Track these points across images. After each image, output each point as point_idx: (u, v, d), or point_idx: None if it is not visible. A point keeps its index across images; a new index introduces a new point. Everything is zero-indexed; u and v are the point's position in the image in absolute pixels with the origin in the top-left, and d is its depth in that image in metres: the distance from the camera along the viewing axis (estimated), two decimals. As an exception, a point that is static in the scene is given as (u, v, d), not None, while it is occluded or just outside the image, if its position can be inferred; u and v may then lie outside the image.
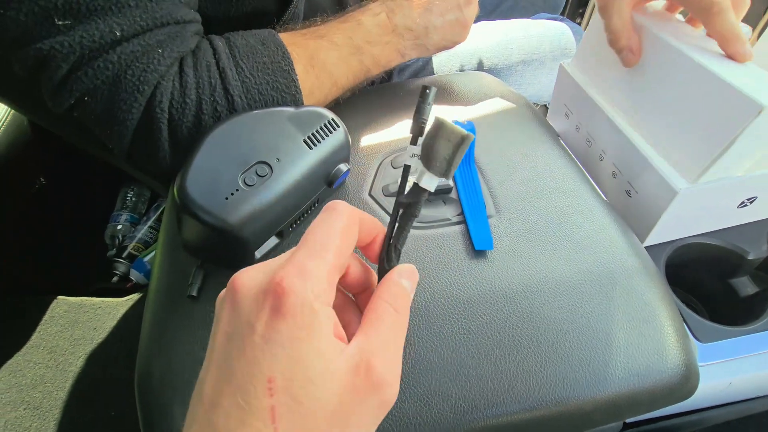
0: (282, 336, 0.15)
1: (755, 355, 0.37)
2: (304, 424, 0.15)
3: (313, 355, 0.16)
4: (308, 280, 0.16)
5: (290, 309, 0.15)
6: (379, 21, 0.41)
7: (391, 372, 0.17)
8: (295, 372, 0.15)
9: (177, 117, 0.34)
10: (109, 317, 0.76)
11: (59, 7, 0.30)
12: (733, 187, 0.37)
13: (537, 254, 0.31)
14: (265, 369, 0.15)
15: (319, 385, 0.15)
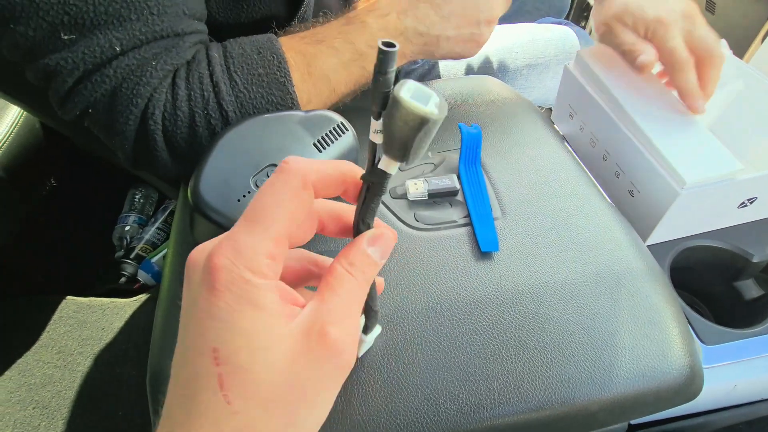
0: (221, 310, 0.16)
1: (760, 358, 0.37)
2: (255, 390, 0.16)
3: (257, 326, 0.16)
4: (240, 258, 0.16)
5: (223, 285, 0.16)
6: (386, 23, 0.39)
7: (345, 336, 0.17)
8: (238, 342, 0.16)
9: (171, 128, 0.35)
10: (117, 317, 0.76)
11: (65, 22, 0.31)
12: (734, 187, 0.38)
13: (543, 256, 0.32)
14: (209, 341, 0.16)
15: (267, 352, 0.16)
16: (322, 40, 0.39)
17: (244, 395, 0.16)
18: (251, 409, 0.16)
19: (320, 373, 0.17)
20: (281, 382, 0.16)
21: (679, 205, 0.38)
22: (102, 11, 0.31)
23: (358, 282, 0.18)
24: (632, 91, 0.43)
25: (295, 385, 0.16)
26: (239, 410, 0.15)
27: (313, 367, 0.16)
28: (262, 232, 0.17)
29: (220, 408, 0.15)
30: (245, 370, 0.16)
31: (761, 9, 0.65)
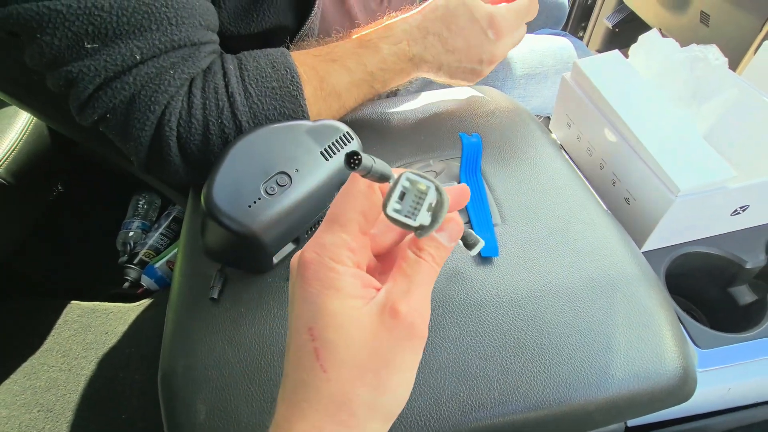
0: (311, 295, 0.19)
1: (753, 362, 0.38)
2: (342, 360, 0.19)
3: (340, 306, 0.19)
4: (324, 252, 0.19)
5: (310, 275, 0.19)
6: (397, 50, 0.41)
7: (413, 311, 0.19)
8: (327, 321, 0.19)
9: (185, 135, 0.36)
10: (120, 322, 0.77)
11: (89, 32, 0.32)
12: (726, 195, 0.39)
13: (541, 261, 0.33)
14: (304, 321, 0.19)
15: (348, 328, 0.19)
16: (336, 59, 0.41)
17: (334, 364, 0.18)
18: (342, 375, 0.19)
19: (395, 342, 0.19)
20: (363, 353, 0.19)
21: (673, 212, 0.39)
22: (125, 21, 0.32)
23: (428, 264, 0.20)
24: (628, 101, 0.44)
25: (375, 353, 0.19)
26: (332, 377, 0.18)
27: (388, 338, 0.19)
28: (339, 229, 0.20)
29: (319, 376, 0.18)
30: (333, 343, 0.19)
31: (754, 21, 0.67)
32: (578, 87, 0.50)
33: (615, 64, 0.49)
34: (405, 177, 0.19)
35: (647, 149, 0.40)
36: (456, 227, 0.22)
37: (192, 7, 0.36)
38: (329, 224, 0.20)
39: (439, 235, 0.21)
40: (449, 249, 0.21)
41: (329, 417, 0.18)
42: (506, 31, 0.41)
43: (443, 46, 0.41)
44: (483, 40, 0.41)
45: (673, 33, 0.88)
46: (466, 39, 0.41)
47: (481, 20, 0.40)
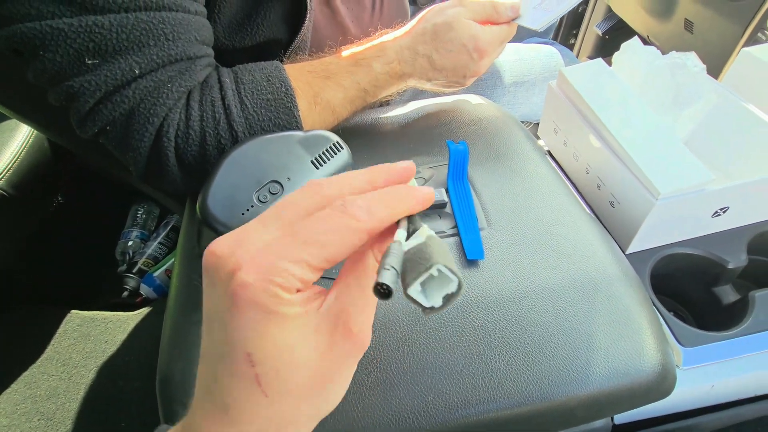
0: (249, 321, 0.17)
1: (736, 359, 0.39)
2: (288, 383, 0.18)
3: (283, 333, 0.17)
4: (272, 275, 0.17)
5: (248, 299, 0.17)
6: (390, 69, 0.44)
7: (367, 330, 0.19)
8: (269, 347, 0.17)
9: (182, 146, 0.38)
10: (119, 331, 0.78)
11: (90, 48, 0.33)
12: (706, 197, 0.40)
13: (525, 263, 0.34)
14: (240, 347, 0.17)
15: (296, 350, 0.18)
16: (330, 76, 0.43)
17: (278, 390, 0.18)
18: (285, 397, 0.18)
19: (345, 359, 0.19)
20: (311, 374, 0.18)
21: (655, 215, 0.41)
22: (124, 38, 0.34)
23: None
24: (610, 108, 0.46)
25: (324, 374, 0.18)
26: (276, 400, 0.18)
27: (338, 357, 0.18)
28: (305, 254, 0.17)
29: (259, 399, 0.18)
30: (279, 368, 0.17)
31: (736, 28, 0.69)
32: (563, 94, 0.51)
33: (598, 71, 0.50)
34: (436, 268, 0.17)
35: (629, 154, 0.41)
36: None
37: (188, 23, 0.37)
38: (295, 244, 0.18)
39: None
40: None
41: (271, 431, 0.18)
42: (488, 51, 0.44)
43: (431, 66, 0.44)
44: (468, 60, 0.43)
45: (659, 40, 0.90)
46: (453, 60, 0.44)
47: (467, 44, 0.43)
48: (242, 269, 0.17)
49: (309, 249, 0.17)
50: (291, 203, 0.19)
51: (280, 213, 0.19)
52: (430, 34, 0.43)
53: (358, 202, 0.18)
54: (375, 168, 0.21)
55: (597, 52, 1.23)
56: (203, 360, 0.19)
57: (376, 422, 0.27)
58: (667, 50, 0.49)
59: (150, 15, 0.35)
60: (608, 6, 1.11)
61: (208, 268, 0.18)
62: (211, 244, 0.19)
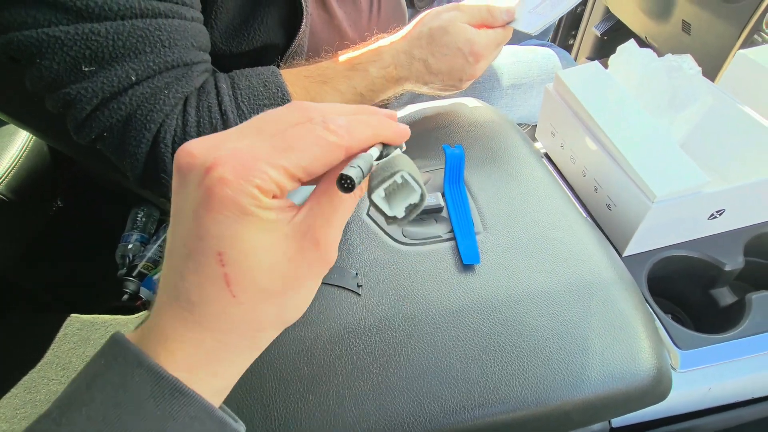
0: (225, 219, 0.17)
1: (732, 362, 0.39)
2: (256, 285, 0.18)
3: (256, 235, 0.18)
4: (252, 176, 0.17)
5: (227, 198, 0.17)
6: (385, 74, 0.44)
7: (333, 242, 0.19)
8: (241, 247, 0.17)
9: None
10: (119, 334, 0.78)
11: (87, 56, 0.34)
12: (702, 200, 0.40)
13: (521, 267, 0.34)
14: (212, 245, 0.17)
15: (266, 253, 0.18)
16: (327, 81, 0.43)
17: (246, 290, 0.18)
18: (252, 298, 0.18)
19: (310, 269, 0.19)
20: (278, 277, 0.18)
21: (651, 218, 0.41)
22: (120, 45, 0.34)
23: (355, 195, 0.20)
24: (607, 110, 0.46)
25: (290, 279, 0.19)
26: (243, 301, 0.18)
27: (305, 264, 0.19)
28: (283, 160, 0.18)
29: (226, 299, 0.18)
30: (248, 269, 0.18)
31: (733, 30, 0.69)
32: (560, 97, 0.51)
33: (595, 74, 0.50)
34: (401, 175, 0.19)
35: (625, 157, 0.41)
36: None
37: (184, 30, 0.37)
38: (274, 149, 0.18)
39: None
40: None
41: (236, 333, 0.18)
42: (484, 55, 0.44)
43: (427, 70, 0.44)
44: (464, 64, 0.44)
45: (657, 41, 0.90)
46: (449, 64, 0.44)
47: (463, 47, 0.43)
48: (221, 166, 0.17)
49: (288, 155, 0.18)
50: (271, 115, 0.19)
51: (260, 124, 0.19)
52: (426, 38, 0.43)
53: (339, 121, 0.19)
54: (363, 106, 0.22)
55: (595, 53, 1.23)
56: (168, 261, 0.19)
57: (372, 427, 0.27)
58: (665, 51, 0.49)
59: (146, 22, 0.35)
60: (606, 7, 1.11)
61: (181, 167, 0.18)
62: (185, 144, 0.18)
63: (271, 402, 0.28)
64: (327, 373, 0.29)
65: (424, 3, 0.74)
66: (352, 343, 0.30)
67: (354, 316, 0.32)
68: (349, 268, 0.34)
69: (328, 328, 0.31)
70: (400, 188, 0.19)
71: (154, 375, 0.17)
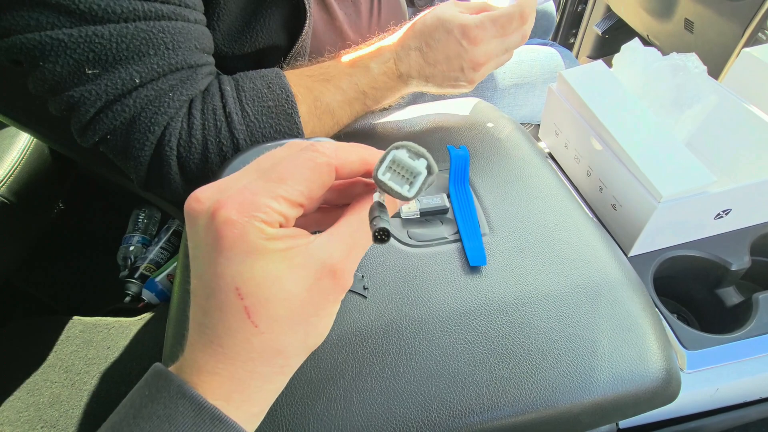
0: (236, 256, 0.18)
1: (739, 362, 0.39)
2: (276, 314, 0.19)
3: (269, 267, 0.18)
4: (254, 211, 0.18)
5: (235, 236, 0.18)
6: (386, 69, 0.43)
7: (350, 273, 0.20)
8: (257, 282, 0.18)
9: (185, 154, 0.38)
10: (122, 336, 0.78)
11: (90, 59, 0.33)
12: (708, 200, 0.40)
13: (528, 269, 0.34)
14: (229, 281, 0.18)
15: (282, 285, 0.19)
16: (329, 79, 0.43)
17: (268, 319, 0.19)
18: (275, 328, 0.19)
19: (327, 297, 0.20)
20: (297, 306, 0.19)
21: (657, 218, 0.40)
22: (124, 48, 0.34)
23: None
24: (611, 110, 0.46)
25: (309, 306, 0.19)
26: (265, 330, 0.19)
27: (323, 293, 0.19)
28: (283, 193, 0.19)
29: (249, 330, 0.19)
30: (267, 300, 0.18)
31: (736, 28, 0.68)
32: (563, 97, 0.51)
33: (599, 73, 0.50)
34: (398, 149, 0.19)
35: (631, 157, 0.41)
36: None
37: (187, 32, 0.37)
38: (270, 182, 0.19)
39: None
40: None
41: (263, 362, 0.19)
42: (481, 38, 0.42)
43: (425, 60, 0.43)
44: (459, 49, 0.42)
45: (659, 39, 0.90)
46: (444, 51, 0.43)
47: (454, 31, 0.42)
48: (224, 208, 0.18)
49: (284, 184, 0.19)
50: (267, 155, 0.21)
51: (257, 164, 0.21)
52: (420, 26, 0.43)
53: (325, 144, 0.20)
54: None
55: (597, 51, 1.23)
56: (194, 300, 0.20)
57: (380, 431, 0.27)
58: (667, 50, 0.49)
59: (150, 24, 0.35)
60: (608, 5, 1.11)
61: (190, 213, 0.20)
62: (194, 192, 0.20)
63: (279, 406, 0.28)
64: (334, 377, 0.29)
65: (424, 1, 0.73)
66: (359, 346, 0.30)
67: (361, 319, 0.32)
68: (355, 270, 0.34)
69: (335, 331, 0.31)
70: (404, 168, 0.19)
71: (196, 405, 0.18)
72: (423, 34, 0.43)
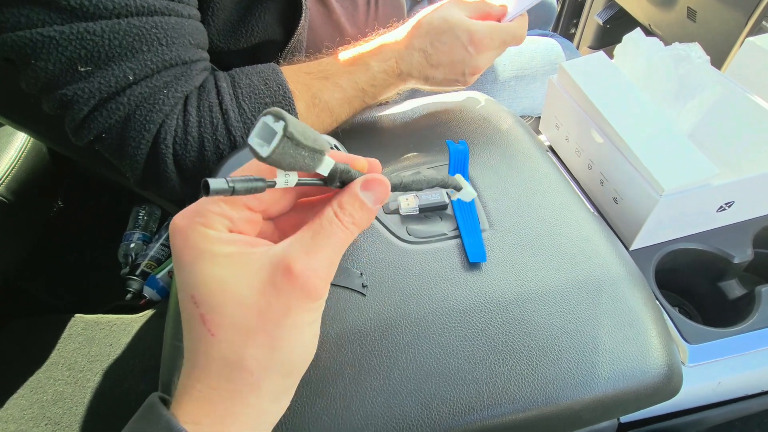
0: (188, 263, 0.19)
1: (742, 356, 0.39)
2: (230, 321, 0.18)
3: (218, 271, 0.18)
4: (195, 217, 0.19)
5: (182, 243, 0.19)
6: (386, 67, 0.43)
7: (310, 272, 0.19)
8: (208, 286, 0.19)
9: (181, 152, 0.38)
10: (124, 333, 0.78)
11: (82, 56, 0.33)
12: (711, 193, 0.39)
13: (528, 265, 0.34)
14: (187, 289, 0.19)
15: (234, 290, 0.18)
16: (328, 76, 0.42)
17: (222, 327, 0.18)
18: (231, 336, 0.18)
19: (287, 301, 0.19)
20: (251, 313, 0.18)
21: (659, 211, 0.40)
22: (116, 44, 0.33)
23: (342, 225, 0.20)
24: (612, 102, 0.45)
25: (265, 313, 0.18)
26: (222, 339, 0.18)
27: (280, 296, 0.19)
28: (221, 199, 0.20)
29: (207, 339, 0.19)
30: (219, 306, 0.18)
31: (739, 17, 0.67)
32: (564, 89, 0.50)
33: (600, 65, 0.49)
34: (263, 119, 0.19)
35: (632, 150, 0.41)
36: (383, 189, 0.21)
37: (181, 27, 0.37)
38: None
39: (364, 194, 0.20)
40: (373, 212, 0.21)
41: (223, 376, 0.19)
42: (486, 47, 0.42)
43: (428, 61, 0.43)
44: (464, 55, 0.42)
45: (661, 29, 0.89)
46: (448, 55, 0.42)
47: (462, 37, 0.41)
48: (176, 219, 0.19)
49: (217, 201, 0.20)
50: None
51: None
52: (426, 27, 0.42)
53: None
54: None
55: (598, 41, 1.21)
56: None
57: (380, 430, 0.27)
58: (669, 40, 0.48)
59: (142, 20, 0.34)
60: (609, -5, 1.09)
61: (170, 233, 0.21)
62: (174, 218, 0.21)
63: (278, 406, 0.28)
64: (333, 376, 0.29)
65: (424, -5, 0.72)
66: (359, 344, 0.30)
67: (360, 317, 0.31)
68: (353, 268, 0.34)
69: (334, 329, 0.31)
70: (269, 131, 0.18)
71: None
72: (429, 36, 0.42)
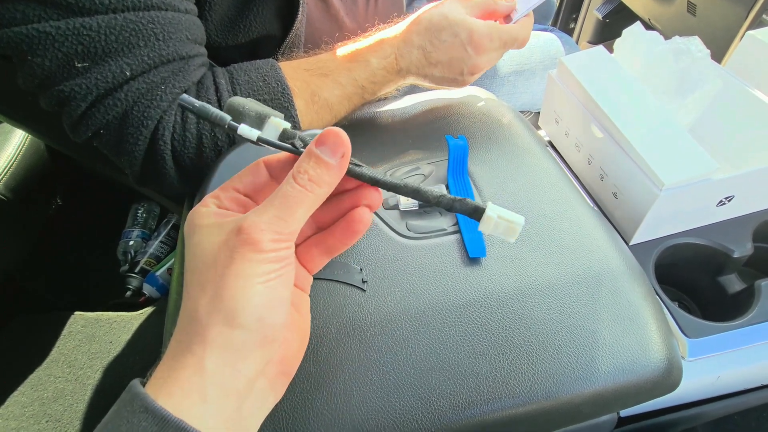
0: (185, 239, 0.23)
1: (741, 350, 0.39)
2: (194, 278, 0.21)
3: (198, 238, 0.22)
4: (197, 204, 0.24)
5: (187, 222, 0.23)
6: (386, 64, 0.42)
7: (254, 226, 0.21)
8: (190, 252, 0.22)
9: (179, 149, 0.37)
10: (124, 331, 0.78)
11: (79, 51, 0.33)
12: (711, 187, 0.39)
13: (528, 260, 0.34)
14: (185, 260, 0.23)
15: (202, 252, 0.21)
16: (328, 74, 0.42)
17: (190, 285, 0.21)
18: (192, 292, 0.21)
19: (231, 253, 0.21)
20: (208, 267, 0.21)
21: (659, 206, 0.40)
22: (113, 40, 0.33)
23: (298, 186, 0.21)
24: (612, 97, 0.45)
25: (214, 266, 0.21)
26: (189, 296, 0.21)
27: (227, 249, 0.21)
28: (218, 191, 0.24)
29: (185, 299, 0.22)
30: (190, 267, 0.22)
31: (740, 10, 0.67)
32: (563, 84, 0.50)
33: (599, 59, 0.49)
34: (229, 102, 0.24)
35: (632, 144, 0.41)
36: (337, 140, 0.22)
37: (178, 22, 0.36)
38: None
39: (319, 150, 0.22)
40: (332, 166, 0.22)
41: (184, 330, 0.21)
42: (485, 48, 0.42)
43: (426, 59, 0.43)
44: (463, 54, 0.42)
45: (661, 23, 0.88)
46: (447, 53, 0.42)
47: (461, 35, 0.41)
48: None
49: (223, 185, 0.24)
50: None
51: None
52: (425, 24, 0.42)
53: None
54: None
55: (597, 36, 1.21)
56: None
57: (380, 425, 0.27)
58: (670, 34, 0.48)
59: (139, 15, 0.34)
60: (608, -11, 1.09)
61: None
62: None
63: (279, 402, 0.28)
64: (334, 371, 0.29)
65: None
66: (359, 339, 0.30)
67: (360, 312, 0.31)
68: (353, 263, 0.34)
69: (334, 324, 0.31)
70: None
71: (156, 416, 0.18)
72: (429, 32, 0.42)
